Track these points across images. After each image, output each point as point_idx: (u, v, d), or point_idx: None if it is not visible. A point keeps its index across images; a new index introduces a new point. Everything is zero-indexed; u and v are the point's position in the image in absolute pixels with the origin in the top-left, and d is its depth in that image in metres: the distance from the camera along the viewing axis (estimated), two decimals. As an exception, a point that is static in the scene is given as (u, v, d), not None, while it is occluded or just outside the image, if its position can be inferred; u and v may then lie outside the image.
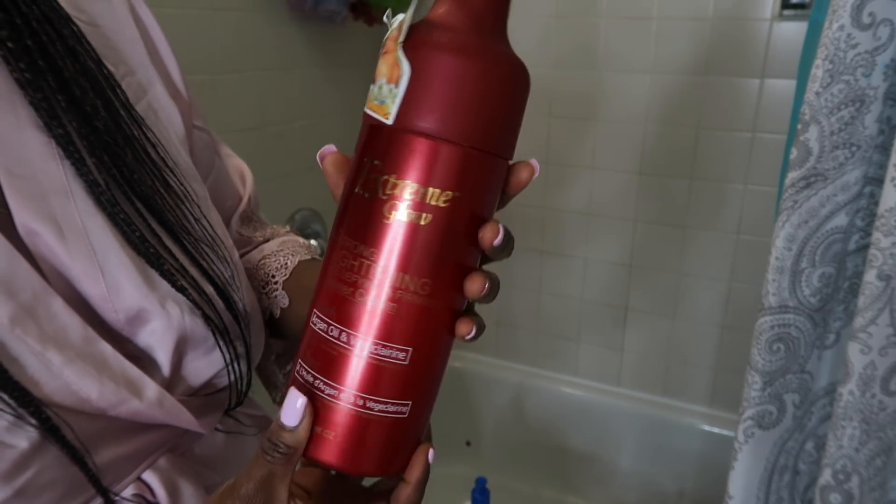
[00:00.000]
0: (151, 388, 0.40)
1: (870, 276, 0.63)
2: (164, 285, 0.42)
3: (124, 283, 0.40)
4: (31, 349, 0.36)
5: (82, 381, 0.37)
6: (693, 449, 1.54)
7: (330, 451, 0.35)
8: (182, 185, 0.46)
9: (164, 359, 0.42)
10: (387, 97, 0.33)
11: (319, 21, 1.41)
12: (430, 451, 0.38)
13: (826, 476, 0.70)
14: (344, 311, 0.34)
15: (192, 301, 0.43)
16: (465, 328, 0.36)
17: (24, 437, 0.35)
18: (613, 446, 1.64)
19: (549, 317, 1.70)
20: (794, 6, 1.27)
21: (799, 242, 0.68)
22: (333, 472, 0.42)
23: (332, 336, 0.34)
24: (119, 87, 0.44)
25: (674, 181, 1.48)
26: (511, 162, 0.37)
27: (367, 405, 0.35)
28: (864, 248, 0.70)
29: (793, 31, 1.29)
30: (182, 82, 0.52)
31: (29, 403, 0.35)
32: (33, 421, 0.35)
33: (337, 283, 0.34)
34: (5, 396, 0.34)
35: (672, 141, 1.45)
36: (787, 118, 0.98)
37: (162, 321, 0.41)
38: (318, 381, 0.35)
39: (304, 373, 0.36)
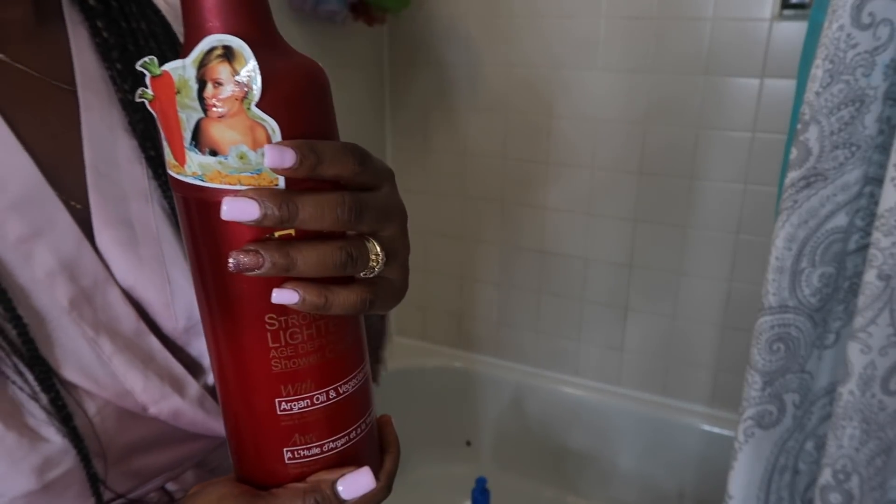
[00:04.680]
0: (194, 388, 0.41)
1: (870, 275, 0.63)
2: None
3: (187, 292, 0.41)
4: (85, 334, 0.37)
5: (129, 372, 0.38)
6: (693, 449, 1.54)
7: None
8: None
9: (210, 367, 0.43)
10: (262, 163, 0.29)
11: (319, 21, 1.41)
12: (392, 420, 0.41)
13: (826, 476, 0.70)
14: (325, 372, 0.33)
15: None
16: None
17: (58, 433, 0.35)
18: (613, 446, 1.64)
19: (549, 317, 1.70)
20: (794, 6, 1.27)
21: (799, 242, 0.68)
22: None
23: (318, 403, 0.34)
24: None
25: (674, 181, 1.48)
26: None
27: (367, 422, 0.37)
28: (864, 248, 0.70)
29: (793, 31, 1.29)
30: None
31: (50, 388, 0.35)
32: (46, 401, 0.35)
33: (299, 360, 0.33)
34: (29, 377, 0.35)
35: (672, 141, 1.45)
36: (787, 118, 0.98)
37: None
38: (325, 445, 0.35)
39: (304, 451, 0.34)
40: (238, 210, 0.28)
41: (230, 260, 0.29)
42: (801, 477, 0.80)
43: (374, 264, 0.33)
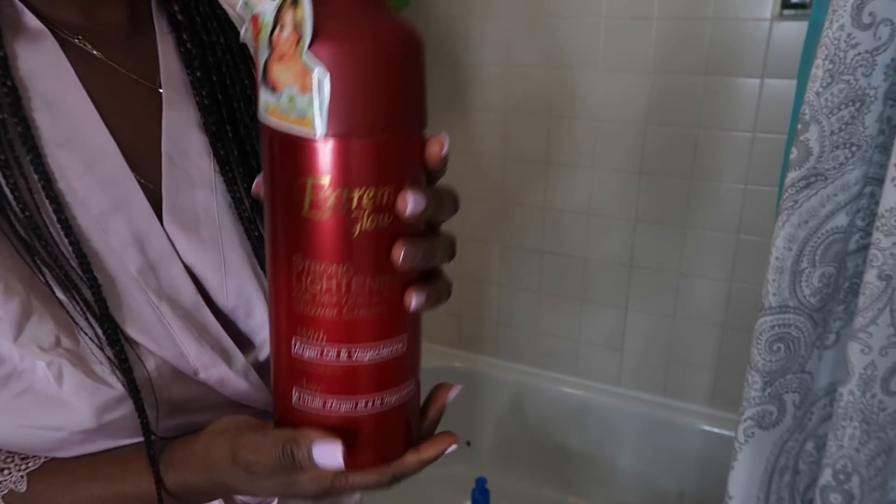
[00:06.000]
0: (241, 360, 0.46)
1: (870, 276, 0.63)
2: None
3: (239, 275, 0.47)
4: (149, 300, 0.42)
5: (185, 337, 0.43)
6: (693, 449, 1.54)
7: (361, 457, 0.36)
8: None
9: (259, 344, 0.48)
10: (307, 109, 0.30)
11: (319, 21, 1.41)
12: (452, 447, 0.39)
13: (826, 476, 0.69)
14: (339, 330, 0.34)
15: None
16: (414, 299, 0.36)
17: (119, 382, 0.40)
18: (613, 446, 1.64)
19: (549, 317, 1.70)
20: (795, 6, 1.27)
21: (799, 242, 0.68)
22: None
23: (329, 358, 0.34)
24: None
25: (674, 181, 1.48)
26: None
27: (383, 401, 0.36)
28: (864, 248, 0.70)
29: (793, 30, 1.29)
30: None
31: (116, 343, 0.40)
32: (112, 353, 0.39)
33: (315, 308, 0.33)
34: (98, 331, 0.39)
35: (672, 141, 1.45)
36: (787, 118, 0.98)
37: (264, 315, 0.47)
38: (328, 402, 0.35)
39: (308, 398, 0.35)
40: (416, 203, 0.32)
41: (396, 256, 0.33)
42: (802, 477, 0.80)
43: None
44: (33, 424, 0.39)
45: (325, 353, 0.34)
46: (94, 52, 0.45)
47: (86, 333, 0.40)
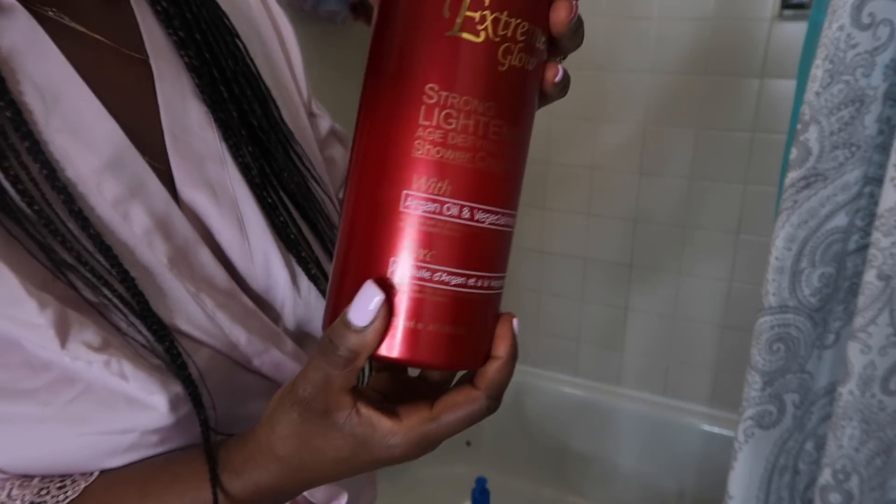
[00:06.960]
0: (289, 342, 0.44)
1: (869, 275, 0.63)
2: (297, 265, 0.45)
3: (264, 252, 0.44)
4: (188, 290, 0.38)
5: (233, 326, 0.40)
6: (693, 449, 1.54)
7: (459, 354, 0.31)
8: (323, 190, 0.50)
9: (290, 324, 0.45)
10: None
11: (319, 21, 1.41)
12: (514, 321, 0.33)
13: (826, 476, 0.70)
14: (467, 181, 0.29)
15: (321, 289, 0.46)
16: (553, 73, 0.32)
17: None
18: (613, 446, 1.64)
19: (549, 317, 1.70)
20: (794, 6, 1.27)
21: (799, 242, 0.68)
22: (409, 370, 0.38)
23: (448, 215, 0.29)
24: (273, 101, 0.48)
25: (674, 181, 1.48)
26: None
27: (491, 284, 0.31)
28: (863, 248, 0.70)
29: (793, 31, 1.29)
30: (302, 73, 0.56)
31: (164, 338, 0.36)
32: (161, 350, 0.36)
33: (446, 151, 0.29)
34: (142, 329, 0.36)
35: (672, 141, 1.45)
36: (787, 118, 0.98)
37: (291, 294, 0.45)
38: (437, 273, 0.29)
39: (415, 269, 0.29)
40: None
41: (563, 13, 0.30)
42: (801, 477, 0.80)
43: None
44: (96, 430, 0.35)
45: (445, 208, 0.29)
46: (73, 25, 0.40)
47: (125, 334, 0.36)
